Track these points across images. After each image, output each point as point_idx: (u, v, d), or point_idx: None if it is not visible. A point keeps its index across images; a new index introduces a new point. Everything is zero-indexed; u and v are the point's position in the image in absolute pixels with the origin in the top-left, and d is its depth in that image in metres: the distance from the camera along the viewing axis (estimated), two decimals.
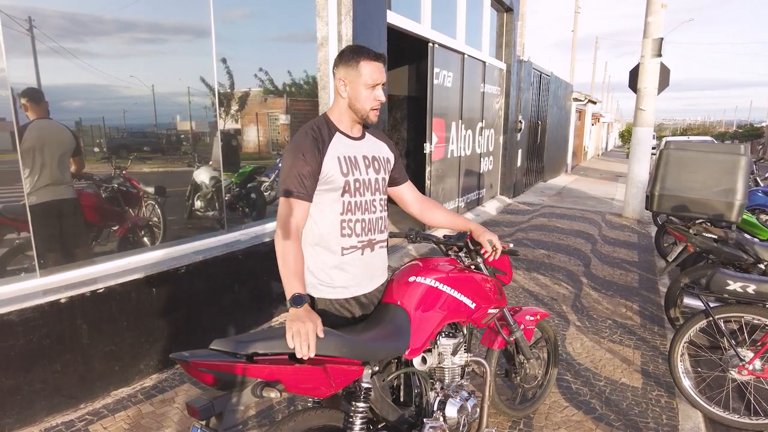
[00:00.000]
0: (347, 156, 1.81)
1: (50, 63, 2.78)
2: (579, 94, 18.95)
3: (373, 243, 1.89)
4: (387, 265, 2.03)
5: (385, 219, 1.95)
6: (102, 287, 2.77)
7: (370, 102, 1.79)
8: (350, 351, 1.62)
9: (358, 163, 1.83)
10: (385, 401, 1.87)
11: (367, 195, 1.86)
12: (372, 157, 1.89)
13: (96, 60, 2.98)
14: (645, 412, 2.87)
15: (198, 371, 1.42)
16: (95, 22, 2.97)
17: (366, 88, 1.77)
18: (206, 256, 3.37)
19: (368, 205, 1.86)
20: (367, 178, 1.85)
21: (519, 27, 10.47)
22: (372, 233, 1.88)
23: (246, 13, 4.01)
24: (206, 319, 3.40)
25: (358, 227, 1.83)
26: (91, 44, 2.97)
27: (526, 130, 11.42)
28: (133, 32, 3.15)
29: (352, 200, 1.81)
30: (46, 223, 2.82)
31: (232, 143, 4.12)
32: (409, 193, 2.13)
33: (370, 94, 1.79)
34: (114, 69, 3.08)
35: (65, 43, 2.82)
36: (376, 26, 4.82)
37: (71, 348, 2.65)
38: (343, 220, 1.81)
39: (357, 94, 1.78)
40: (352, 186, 1.81)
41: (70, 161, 2.94)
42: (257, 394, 1.46)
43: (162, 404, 2.79)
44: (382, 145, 1.98)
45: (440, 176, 7.21)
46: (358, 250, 1.85)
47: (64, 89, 2.92)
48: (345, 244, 1.82)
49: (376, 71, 1.78)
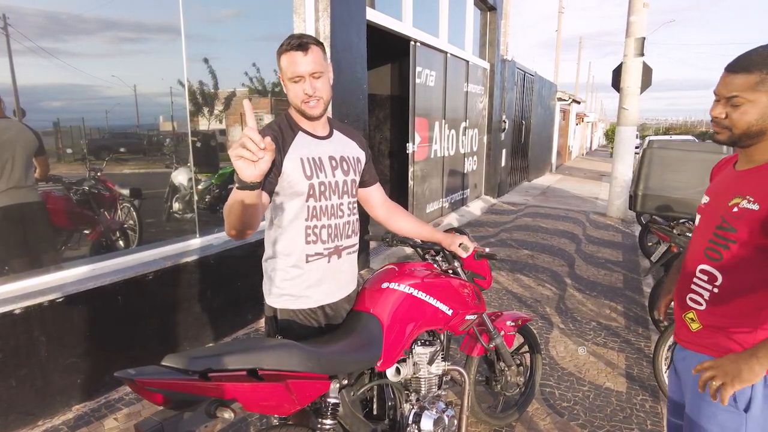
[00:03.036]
0: (311, 157, 1.66)
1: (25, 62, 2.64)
2: (563, 93, 19.03)
3: (341, 249, 1.76)
4: (356, 272, 1.90)
5: (355, 223, 1.81)
6: (61, 296, 2.62)
7: (298, 97, 1.61)
8: (316, 365, 1.50)
9: (323, 164, 1.69)
10: (355, 416, 1.75)
11: (334, 198, 1.72)
12: (340, 157, 1.75)
13: (73, 59, 2.85)
14: (629, 417, 2.80)
15: (145, 390, 1.30)
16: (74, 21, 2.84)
17: (290, 82, 1.60)
18: (176, 262, 3.23)
19: (335, 210, 1.72)
20: (333, 180, 1.71)
21: (503, 26, 10.44)
22: (339, 239, 1.74)
23: (222, 12, 3.88)
24: (178, 327, 3.25)
25: (324, 233, 1.70)
26: (69, 43, 2.84)
27: (511, 129, 11.40)
28: (101, 32, 3.01)
29: (317, 204, 1.67)
30: (4, 229, 2.67)
31: (210, 144, 3.99)
32: (377, 196, 1.99)
33: (295, 87, 1.60)
34: (90, 68, 2.96)
35: (43, 42, 2.68)
36: (355, 23, 4.71)
37: (27, 362, 2.50)
38: (308, 226, 1.67)
39: (287, 89, 1.63)
40: (317, 189, 1.66)
41: (33, 163, 2.78)
42: (210, 413, 1.34)
43: (127, 419, 2.65)
44: (351, 143, 1.84)
45: (424, 176, 7.12)
46: (324, 257, 1.72)
47: (41, 89, 2.78)
48: (310, 251, 1.69)
49: (294, 64, 1.56)
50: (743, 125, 1.32)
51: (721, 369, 1.25)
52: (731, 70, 1.32)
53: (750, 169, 1.38)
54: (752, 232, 1.29)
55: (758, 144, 1.34)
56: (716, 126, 1.38)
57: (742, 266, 1.34)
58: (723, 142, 1.39)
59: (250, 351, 1.41)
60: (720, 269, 1.39)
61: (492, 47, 9.63)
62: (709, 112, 1.39)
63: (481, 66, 9.26)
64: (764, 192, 1.28)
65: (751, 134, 1.33)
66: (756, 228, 1.28)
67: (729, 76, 1.32)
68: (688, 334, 1.49)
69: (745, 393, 1.32)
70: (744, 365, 1.22)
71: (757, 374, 1.21)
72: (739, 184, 1.38)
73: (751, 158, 1.38)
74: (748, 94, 1.28)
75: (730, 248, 1.36)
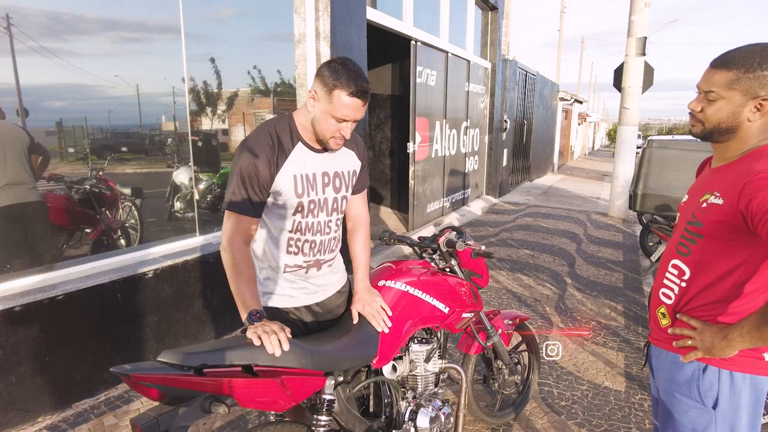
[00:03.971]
0: (304, 174, 1.63)
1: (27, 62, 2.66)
2: (565, 93, 19.00)
3: (321, 263, 1.75)
4: (340, 276, 1.89)
5: (339, 238, 1.81)
6: (61, 294, 2.63)
7: (330, 132, 1.58)
8: (311, 361, 1.52)
9: (315, 182, 1.65)
10: (351, 413, 1.76)
11: (322, 216, 1.69)
12: (334, 173, 1.71)
13: (75, 59, 2.86)
14: (627, 416, 2.80)
15: (141, 386, 1.31)
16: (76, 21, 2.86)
17: (331, 117, 1.55)
18: (175, 261, 3.24)
19: (321, 227, 1.70)
20: (323, 197, 1.68)
21: (504, 26, 10.44)
22: (321, 254, 1.74)
23: (222, 11, 3.89)
24: (177, 325, 3.27)
25: (306, 247, 1.69)
26: (72, 43, 2.86)
27: (512, 129, 11.39)
28: (104, 32, 3.02)
29: (303, 221, 1.66)
30: (3, 228, 2.68)
31: (211, 143, 4.00)
32: (356, 204, 1.91)
33: (334, 125, 1.57)
34: (94, 68, 2.98)
35: (46, 42, 2.70)
36: (355, 23, 4.71)
37: (28, 359, 2.51)
38: (291, 238, 1.67)
39: (321, 117, 1.57)
40: (306, 207, 1.64)
41: (30, 161, 2.80)
42: (205, 408, 1.35)
43: (126, 415, 2.66)
44: (349, 154, 1.78)
45: (424, 176, 7.12)
46: (302, 269, 1.72)
47: (44, 89, 2.80)
48: (289, 261, 1.69)
49: (349, 109, 1.53)
50: (714, 121, 1.34)
51: (700, 337, 1.33)
52: (714, 66, 1.33)
53: (721, 166, 1.40)
54: (716, 226, 1.31)
55: (729, 141, 1.36)
56: (692, 119, 1.41)
57: (707, 260, 1.35)
58: (696, 135, 1.41)
59: (244, 347, 1.42)
60: (688, 263, 1.41)
61: (493, 47, 9.63)
62: (688, 104, 1.41)
63: (482, 65, 9.26)
64: (728, 187, 1.29)
65: (721, 131, 1.34)
66: (719, 222, 1.30)
67: (710, 71, 1.34)
68: (659, 332, 1.51)
69: (712, 391, 1.35)
70: (718, 343, 1.27)
71: (727, 354, 1.27)
72: (710, 181, 1.39)
73: (723, 155, 1.40)
74: (724, 91, 1.30)
75: (697, 243, 1.38)
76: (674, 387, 1.43)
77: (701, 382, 1.36)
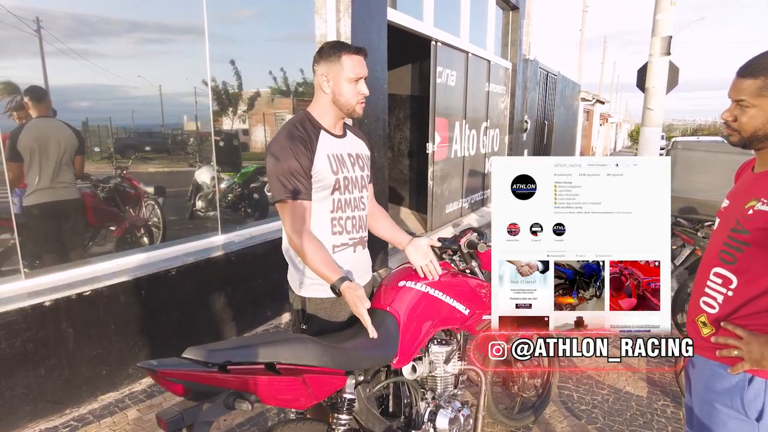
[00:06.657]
0: (335, 154, 1.78)
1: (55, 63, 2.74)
2: (587, 93, 18.77)
3: (363, 240, 1.89)
4: (371, 263, 1.99)
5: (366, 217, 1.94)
6: (88, 290, 2.70)
7: (354, 96, 1.76)
8: (331, 360, 1.53)
9: (344, 160, 1.81)
10: (371, 412, 1.78)
11: (356, 192, 1.84)
12: (356, 154, 1.88)
13: (101, 60, 2.94)
14: (650, 422, 2.76)
15: (166, 381, 1.34)
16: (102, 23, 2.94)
17: (349, 82, 1.73)
18: (198, 258, 3.29)
19: (357, 202, 1.85)
20: (354, 175, 1.83)
21: (525, 25, 10.33)
22: (362, 230, 1.88)
23: (245, 13, 3.95)
24: (199, 322, 3.32)
25: (349, 224, 1.82)
26: (97, 45, 2.94)
27: (533, 130, 11.29)
28: (128, 33, 3.09)
29: (342, 198, 1.78)
30: (40, 224, 2.76)
31: (233, 143, 4.06)
32: (370, 199, 2.05)
33: (354, 88, 1.75)
34: (118, 69, 3.05)
35: (72, 44, 2.78)
36: (375, 24, 4.73)
37: (56, 352, 2.59)
38: (333, 218, 1.78)
39: (340, 88, 1.74)
40: (342, 183, 1.78)
41: (75, 161, 2.86)
42: (229, 405, 1.38)
43: (149, 410, 2.72)
44: (360, 142, 1.96)
45: (443, 177, 7.10)
46: (350, 247, 1.83)
47: (70, 89, 2.89)
48: (336, 242, 1.79)
49: (358, 64, 1.74)
50: (750, 129, 1.32)
51: (747, 348, 1.27)
52: (740, 74, 1.32)
53: (765, 171, 1.37)
54: (763, 234, 1.27)
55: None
56: (727, 128, 1.39)
57: (755, 269, 1.31)
58: (735, 144, 1.39)
59: (267, 345, 1.44)
60: (735, 272, 1.36)
61: (514, 47, 9.55)
62: (721, 114, 1.39)
63: (502, 66, 9.20)
64: None
65: (759, 137, 1.32)
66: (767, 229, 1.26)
67: (738, 80, 1.32)
68: (699, 340, 1.46)
69: (757, 402, 1.30)
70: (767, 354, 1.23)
71: None
72: (754, 187, 1.36)
73: (766, 161, 1.37)
74: (754, 99, 1.29)
75: (743, 250, 1.33)
76: (714, 396, 1.39)
77: (745, 392, 1.31)
